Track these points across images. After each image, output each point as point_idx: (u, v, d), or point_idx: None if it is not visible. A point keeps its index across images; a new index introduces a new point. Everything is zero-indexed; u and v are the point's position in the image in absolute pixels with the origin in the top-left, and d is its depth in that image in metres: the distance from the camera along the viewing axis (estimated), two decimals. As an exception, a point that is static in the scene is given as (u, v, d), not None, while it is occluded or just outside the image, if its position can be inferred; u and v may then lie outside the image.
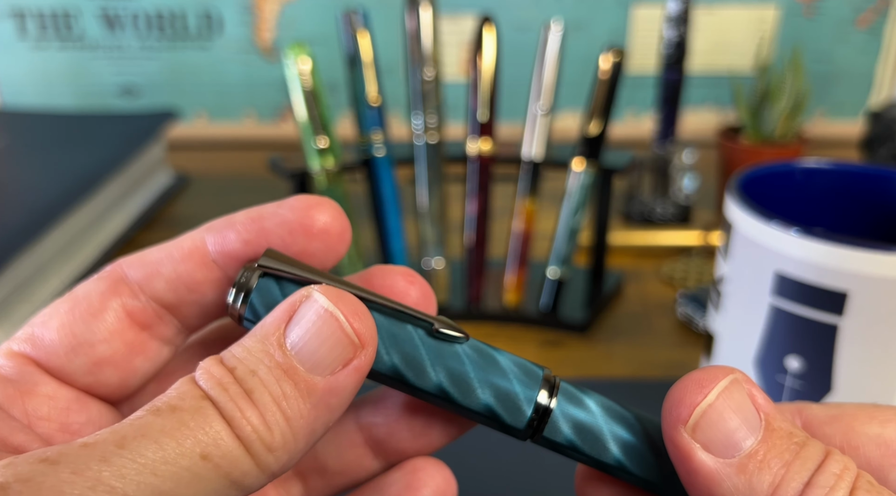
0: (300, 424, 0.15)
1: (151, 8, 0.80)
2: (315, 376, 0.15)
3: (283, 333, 0.15)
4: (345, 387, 0.15)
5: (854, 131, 0.80)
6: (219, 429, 0.14)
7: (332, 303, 0.15)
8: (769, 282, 0.29)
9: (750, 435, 0.15)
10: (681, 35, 0.59)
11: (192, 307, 0.18)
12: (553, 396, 0.17)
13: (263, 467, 0.14)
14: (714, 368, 0.16)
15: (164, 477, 0.13)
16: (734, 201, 0.30)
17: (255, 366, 0.15)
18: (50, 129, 0.65)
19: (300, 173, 0.44)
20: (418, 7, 0.42)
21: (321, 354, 0.15)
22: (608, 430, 0.17)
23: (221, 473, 0.14)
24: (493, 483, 0.34)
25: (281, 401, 0.15)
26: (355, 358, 0.16)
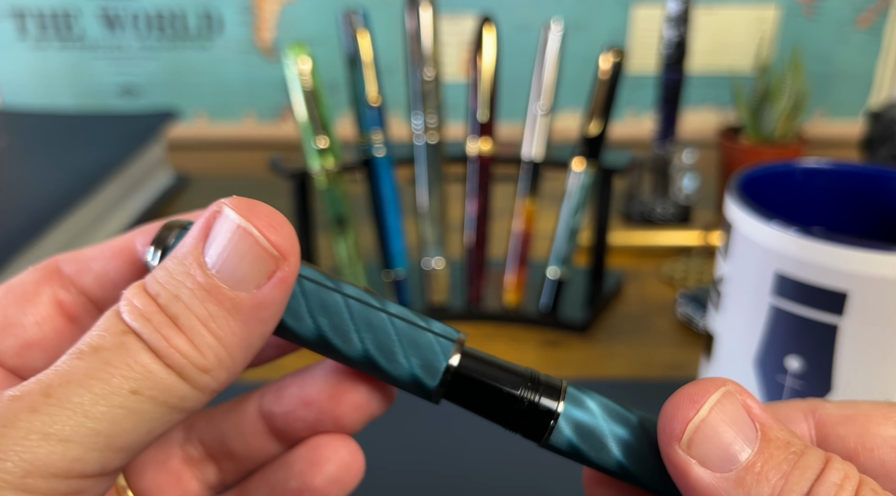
0: (233, 341, 0.15)
1: (151, 8, 0.80)
2: (240, 293, 0.15)
3: (201, 252, 0.15)
4: (273, 299, 0.15)
5: (854, 131, 0.80)
6: (146, 361, 0.14)
7: (243, 218, 0.15)
8: (769, 282, 0.29)
9: (746, 447, 0.15)
10: (681, 35, 0.59)
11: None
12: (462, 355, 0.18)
13: (201, 387, 0.15)
14: (706, 381, 0.16)
15: (98, 418, 0.13)
16: (734, 201, 0.30)
17: (178, 290, 0.15)
18: (50, 129, 0.65)
19: (300, 173, 0.44)
20: (418, 7, 0.42)
21: (242, 270, 0.15)
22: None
23: (157, 403, 0.14)
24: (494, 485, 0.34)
25: (209, 323, 0.15)
26: (279, 269, 0.15)
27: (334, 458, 0.19)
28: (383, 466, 0.34)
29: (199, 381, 0.15)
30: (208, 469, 0.21)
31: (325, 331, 0.17)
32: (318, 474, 0.19)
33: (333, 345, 0.17)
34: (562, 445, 0.17)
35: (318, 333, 0.17)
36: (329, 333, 0.17)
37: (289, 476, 0.19)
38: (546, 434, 0.17)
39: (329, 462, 0.19)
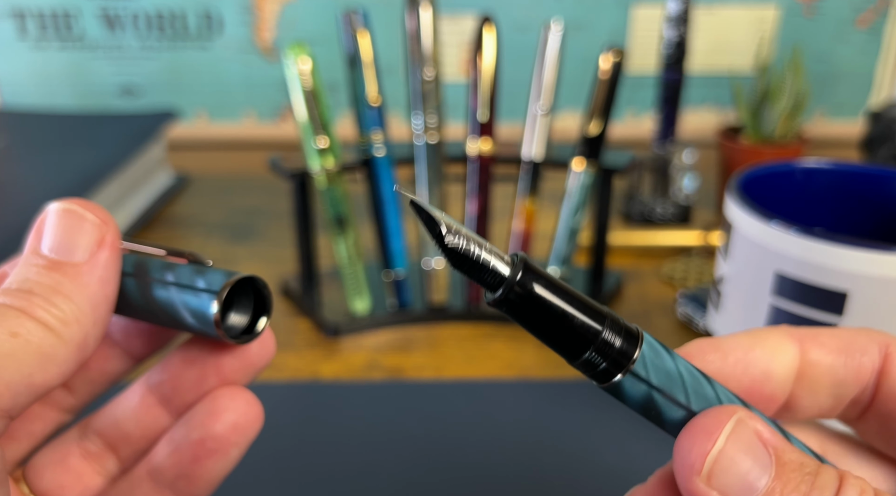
0: (83, 299, 0.18)
1: (151, 8, 0.80)
2: (77, 259, 0.18)
3: (37, 247, 0.18)
4: (106, 260, 0.18)
5: (854, 131, 0.80)
6: (16, 315, 0.17)
7: (65, 203, 0.19)
8: (769, 282, 0.29)
9: (763, 474, 0.15)
10: (681, 35, 0.59)
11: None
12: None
13: (67, 339, 0.17)
14: (718, 410, 0.16)
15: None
16: (734, 201, 0.30)
17: (25, 275, 0.18)
18: (50, 129, 0.65)
19: (300, 173, 0.44)
20: (418, 7, 0.42)
21: (74, 241, 0.18)
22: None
23: (33, 347, 0.16)
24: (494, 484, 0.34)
25: (58, 288, 0.17)
26: (105, 235, 0.19)
27: (232, 406, 0.20)
28: (383, 465, 0.34)
29: (63, 333, 0.17)
30: (108, 460, 0.22)
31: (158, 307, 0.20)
32: (217, 421, 0.20)
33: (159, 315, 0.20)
34: (635, 394, 0.17)
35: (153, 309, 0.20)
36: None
37: (189, 429, 0.20)
38: (619, 375, 0.16)
39: (227, 410, 0.20)
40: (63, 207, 0.19)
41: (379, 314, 0.46)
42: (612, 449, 0.35)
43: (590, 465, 0.34)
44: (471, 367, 0.42)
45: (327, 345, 0.44)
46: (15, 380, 0.16)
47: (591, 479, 0.34)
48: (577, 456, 0.35)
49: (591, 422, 0.37)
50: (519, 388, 0.40)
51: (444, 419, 0.38)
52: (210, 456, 0.20)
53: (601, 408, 0.38)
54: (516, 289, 0.16)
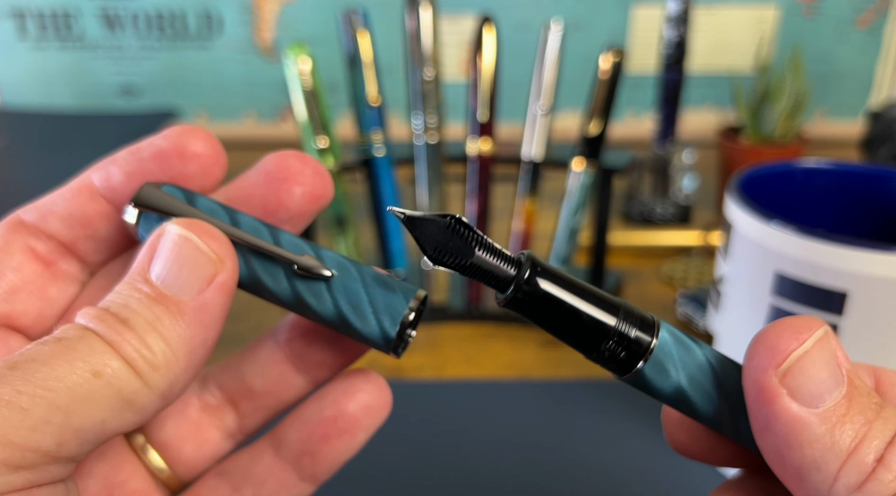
0: (178, 343, 0.16)
1: (151, 8, 0.80)
2: (183, 297, 0.16)
3: (146, 269, 0.17)
4: (214, 303, 0.17)
5: (854, 131, 0.80)
6: (104, 350, 0.15)
7: (184, 228, 0.17)
8: (769, 282, 0.29)
9: (835, 388, 0.15)
10: (681, 35, 0.59)
11: (87, 242, 0.19)
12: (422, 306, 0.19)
13: (152, 385, 0.16)
14: (807, 318, 0.16)
15: (58, 391, 0.14)
16: (734, 201, 0.30)
17: (127, 300, 0.16)
18: (50, 129, 0.65)
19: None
20: (418, 7, 0.42)
21: (184, 276, 0.16)
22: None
23: (114, 390, 0.15)
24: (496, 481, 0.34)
25: (156, 324, 0.16)
26: (218, 274, 0.17)
27: (367, 388, 0.20)
28: (383, 464, 0.34)
29: (149, 378, 0.15)
30: (227, 415, 0.21)
31: (303, 293, 0.18)
32: (351, 401, 0.20)
33: (310, 306, 0.18)
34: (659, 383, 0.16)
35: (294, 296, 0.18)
36: (305, 295, 0.18)
37: (323, 406, 0.20)
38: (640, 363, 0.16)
39: (362, 391, 0.20)
40: (181, 234, 0.17)
41: (379, 314, 0.46)
42: (611, 449, 0.35)
43: (590, 465, 0.34)
44: (470, 367, 0.42)
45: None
46: (86, 427, 0.15)
47: (591, 479, 0.34)
48: (576, 456, 0.35)
49: (590, 422, 0.37)
50: (519, 388, 0.40)
51: (444, 419, 0.38)
52: (340, 435, 0.20)
53: (601, 408, 0.38)
54: (524, 287, 0.16)
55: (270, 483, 0.21)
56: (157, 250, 0.17)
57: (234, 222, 0.18)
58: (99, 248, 0.20)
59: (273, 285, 0.18)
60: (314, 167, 0.19)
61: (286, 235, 0.18)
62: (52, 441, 0.14)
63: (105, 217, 0.19)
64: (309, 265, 0.18)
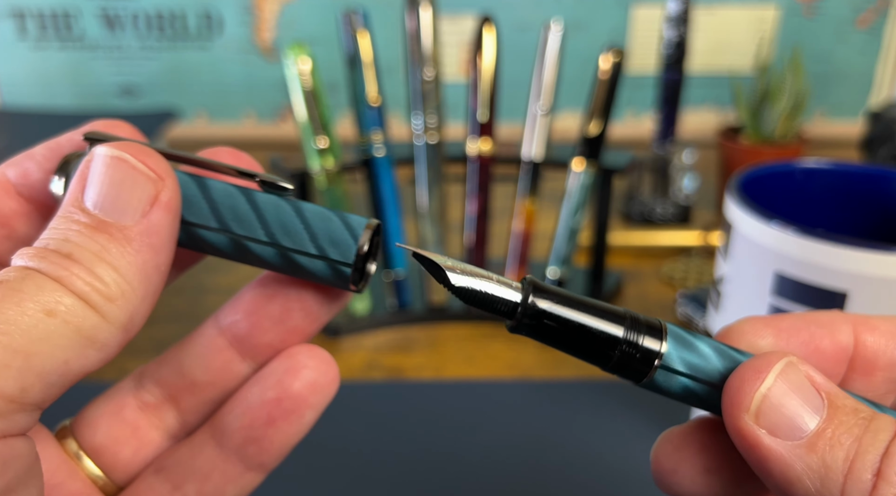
0: (130, 271, 0.15)
1: (151, 8, 0.80)
2: (126, 222, 0.15)
3: (80, 198, 0.15)
4: (161, 224, 0.16)
5: (854, 131, 0.80)
6: (53, 287, 0.14)
7: (116, 149, 0.16)
8: (769, 282, 0.29)
9: (814, 414, 0.15)
10: (681, 35, 0.59)
11: (4, 242, 0.18)
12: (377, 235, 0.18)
13: (111, 319, 0.15)
14: (769, 354, 0.16)
15: (12, 334, 0.13)
16: (734, 201, 0.30)
17: (65, 235, 0.15)
18: (50, 129, 0.65)
19: (300, 173, 0.44)
20: (418, 7, 0.42)
21: (123, 199, 0.15)
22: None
23: (72, 328, 0.14)
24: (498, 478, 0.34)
25: (103, 254, 0.15)
26: (160, 193, 0.16)
27: (311, 364, 0.19)
28: (383, 464, 0.34)
29: (107, 310, 0.15)
30: (167, 413, 0.20)
31: (230, 224, 0.17)
32: (296, 379, 0.19)
33: (247, 245, 0.17)
34: (672, 386, 0.17)
35: (224, 227, 0.17)
36: (234, 226, 0.17)
37: (265, 388, 0.19)
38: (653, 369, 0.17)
39: (306, 368, 0.19)
40: (112, 154, 0.16)
41: (379, 314, 0.46)
42: (612, 448, 0.35)
43: (590, 465, 0.34)
44: (470, 367, 0.42)
45: (327, 345, 0.44)
46: (48, 369, 0.14)
47: (591, 479, 0.34)
48: (576, 455, 0.35)
49: (590, 422, 0.37)
50: (519, 388, 0.40)
51: (443, 419, 0.38)
52: (286, 417, 0.19)
53: (601, 408, 0.38)
54: (529, 312, 0.16)
55: (215, 476, 0.19)
56: (89, 177, 0.15)
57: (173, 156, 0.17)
58: (17, 248, 0.18)
59: (233, 216, 0.17)
60: (247, 161, 0.19)
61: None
62: (15, 385, 0.13)
63: (23, 215, 0.18)
64: (270, 178, 0.17)
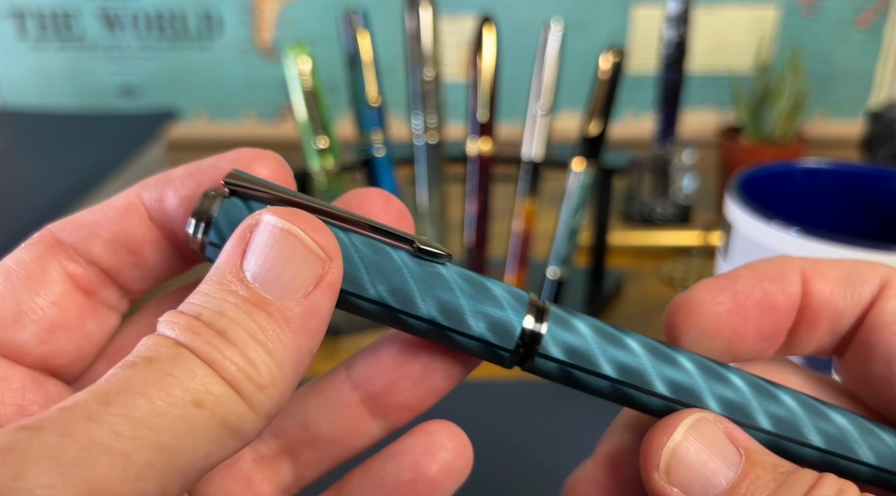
0: (284, 355, 0.14)
1: (151, 8, 0.80)
2: (287, 301, 0.14)
3: (239, 267, 0.14)
4: (322, 307, 0.14)
5: (854, 131, 0.80)
6: (204, 373, 0.13)
7: (285, 220, 0.14)
8: (769, 282, 0.29)
9: (729, 470, 0.14)
10: (681, 35, 0.59)
11: (132, 270, 0.17)
12: (543, 321, 0.16)
13: (258, 408, 0.13)
14: (682, 411, 0.15)
15: (160, 430, 0.12)
16: (734, 201, 0.30)
17: (220, 306, 0.13)
18: (50, 129, 0.65)
19: (300, 173, 0.44)
20: (418, 7, 0.42)
21: (288, 277, 0.14)
22: (601, 352, 0.16)
23: (217, 420, 0.13)
24: (493, 483, 0.34)
25: (258, 335, 0.13)
26: (325, 273, 0.14)
27: (449, 445, 0.18)
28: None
29: (255, 399, 0.13)
30: (283, 467, 0.18)
31: (387, 297, 0.16)
32: (433, 462, 0.17)
33: (402, 320, 0.16)
34: (550, 370, 0.16)
35: (380, 300, 0.16)
36: (391, 300, 0.16)
37: (400, 467, 0.17)
38: (531, 359, 0.16)
39: (444, 449, 0.18)
40: (283, 227, 0.14)
41: (379, 314, 0.46)
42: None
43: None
44: (471, 367, 0.42)
45: (328, 345, 0.44)
46: (189, 466, 0.12)
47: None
48: (576, 456, 0.35)
49: (590, 423, 0.37)
50: (519, 388, 0.40)
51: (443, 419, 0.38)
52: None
53: (601, 408, 0.38)
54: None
55: None
56: (251, 245, 0.14)
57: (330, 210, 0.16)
58: (144, 277, 0.17)
59: (387, 283, 0.16)
60: (398, 208, 0.18)
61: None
62: (157, 487, 0.12)
63: (154, 243, 0.17)
64: (428, 243, 0.16)
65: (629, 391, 0.16)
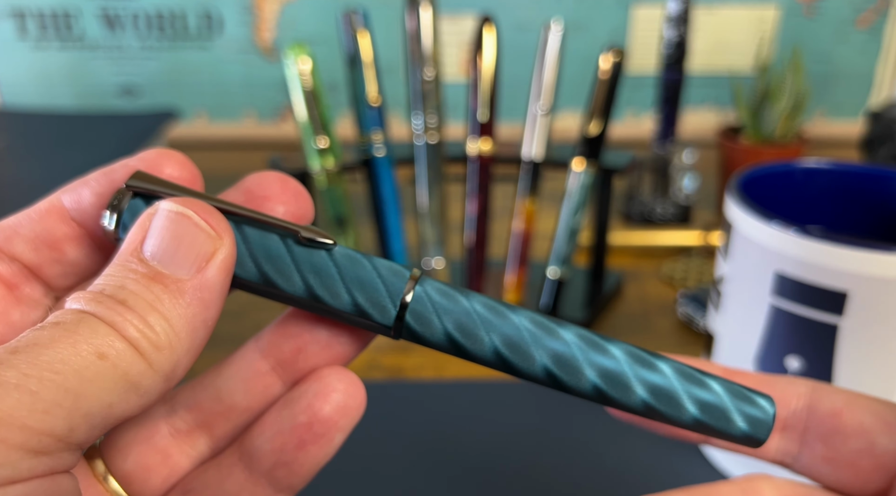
0: (180, 323, 0.15)
1: (151, 8, 0.80)
2: (181, 275, 0.16)
3: (139, 248, 0.16)
4: (214, 282, 0.16)
5: (854, 131, 0.80)
6: (106, 331, 0.14)
7: (180, 205, 0.16)
8: (769, 282, 0.29)
9: None
10: (681, 35, 0.59)
11: (54, 266, 0.18)
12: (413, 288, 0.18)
13: (156, 367, 0.15)
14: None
15: (65, 374, 0.14)
16: (734, 201, 0.30)
17: (122, 282, 0.15)
18: (50, 129, 0.65)
19: (300, 173, 0.44)
20: (418, 7, 0.42)
21: (182, 254, 0.16)
22: (480, 321, 0.18)
23: (119, 372, 0.14)
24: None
25: (156, 303, 0.15)
26: (217, 251, 0.16)
27: (340, 387, 0.19)
28: (382, 465, 0.34)
29: (154, 359, 0.15)
30: (199, 440, 0.20)
31: (271, 276, 0.18)
32: (326, 403, 0.19)
33: (279, 287, 0.18)
34: (428, 334, 0.18)
35: (263, 279, 0.18)
36: (274, 277, 0.18)
37: (295, 412, 0.19)
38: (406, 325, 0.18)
39: (335, 391, 0.19)
40: (176, 210, 0.16)
41: (379, 314, 0.46)
42: (611, 448, 0.35)
43: (590, 465, 0.34)
44: (470, 367, 0.42)
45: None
46: (94, 411, 0.14)
47: (590, 479, 0.34)
48: (576, 456, 0.35)
49: (591, 422, 0.37)
50: (519, 388, 0.40)
51: (444, 419, 0.38)
52: (316, 441, 0.19)
53: (601, 408, 0.38)
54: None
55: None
56: (150, 229, 0.16)
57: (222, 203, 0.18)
58: (66, 273, 0.19)
59: (272, 266, 0.18)
60: (294, 188, 0.19)
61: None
62: (65, 425, 0.13)
63: (74, 240, 0.18)
64: (311, 233, 0.18)
65: (511, 359, 0.18)
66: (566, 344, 0.17)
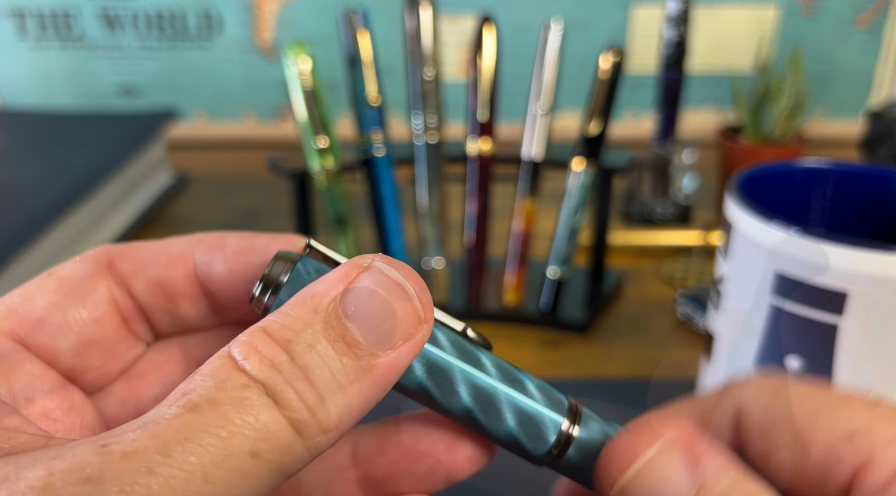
0: (357, 402, 0.13)
1: (151, 8, 0.80)
2: (377, 350, 0.14)
3: (338, 302, 0.14)
4: (402, 364, 0.14)
5: (854, 131, 0.80)
6: (268, 419, 0.13)
7: (398, 271, 0.14)
8: (769, 282, 0.29)
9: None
10: (681, 35, 0.59)
11: (164, 314, 0.18)
12: (576, 424, 0.17)
13: (314, 450, 0.13)
14: (644, 433, 0.15)
15: (215, 482, 0.12)
16: (734, 201, 0.30)
17: (315, 339, 0.13)
18: (50, 129, 0.65)
19: (300, 173, 0.44)
20: (418, 7, 0.42)
21: (386, 328, 0.14)
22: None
23: (272, 467, 0.13)
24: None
25: (342, 379, 0.13)
26: (417, 333, 0.14)
27: None
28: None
29: (314, 442, 0.13)
30: None
31: (429, 387, 0.16)
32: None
33: (437, 400, 0.16)
34: (407, 384, 0.16)
35: (421, 387, 0.16)
36: (433, 390, 0.16)
37: None
38: (561, 456, 0.17)
39: None
40: (394, 277, 0.14)
41: (379, 314, 0.46)
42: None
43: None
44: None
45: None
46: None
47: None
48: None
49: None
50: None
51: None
52: None
53: (601, 408, 0.38)
54: None
55: None
56: (356, 285, 0.14)
57: None
58: (172, 323, 0.18)
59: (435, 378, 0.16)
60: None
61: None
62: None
63: (191, 298, 0.18)
64: (475, 333, 0.17)
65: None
66: None
